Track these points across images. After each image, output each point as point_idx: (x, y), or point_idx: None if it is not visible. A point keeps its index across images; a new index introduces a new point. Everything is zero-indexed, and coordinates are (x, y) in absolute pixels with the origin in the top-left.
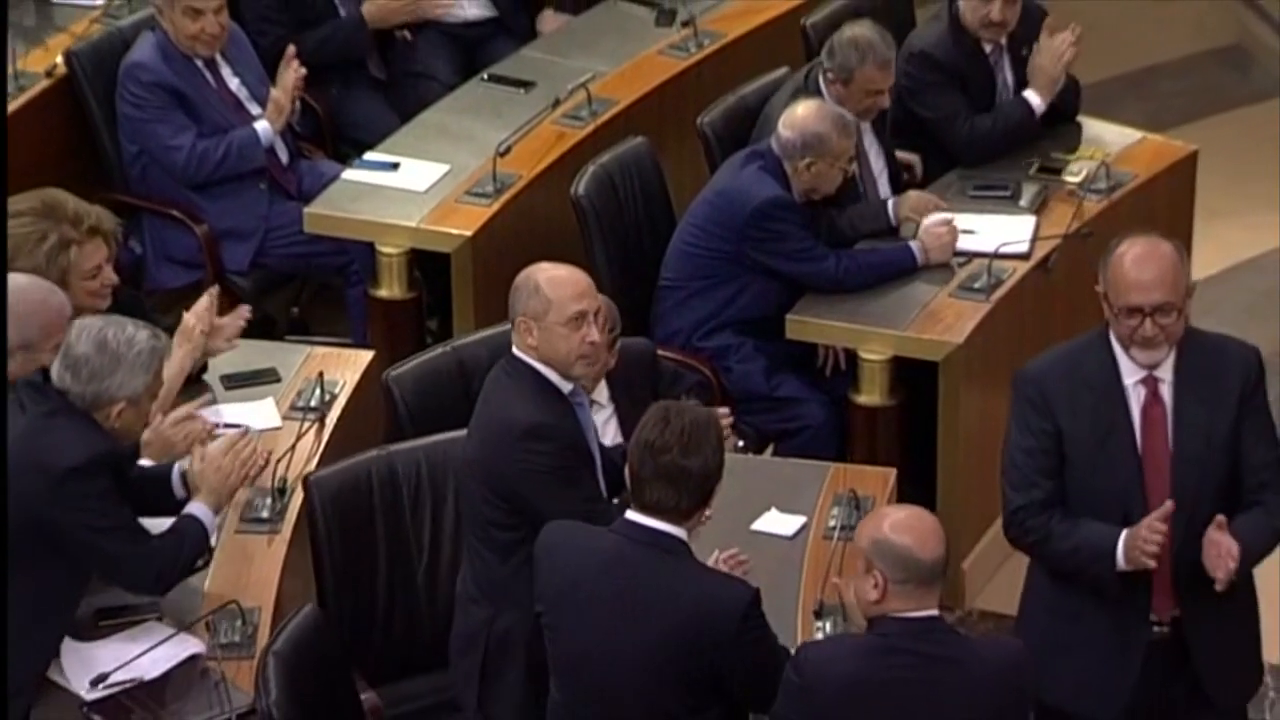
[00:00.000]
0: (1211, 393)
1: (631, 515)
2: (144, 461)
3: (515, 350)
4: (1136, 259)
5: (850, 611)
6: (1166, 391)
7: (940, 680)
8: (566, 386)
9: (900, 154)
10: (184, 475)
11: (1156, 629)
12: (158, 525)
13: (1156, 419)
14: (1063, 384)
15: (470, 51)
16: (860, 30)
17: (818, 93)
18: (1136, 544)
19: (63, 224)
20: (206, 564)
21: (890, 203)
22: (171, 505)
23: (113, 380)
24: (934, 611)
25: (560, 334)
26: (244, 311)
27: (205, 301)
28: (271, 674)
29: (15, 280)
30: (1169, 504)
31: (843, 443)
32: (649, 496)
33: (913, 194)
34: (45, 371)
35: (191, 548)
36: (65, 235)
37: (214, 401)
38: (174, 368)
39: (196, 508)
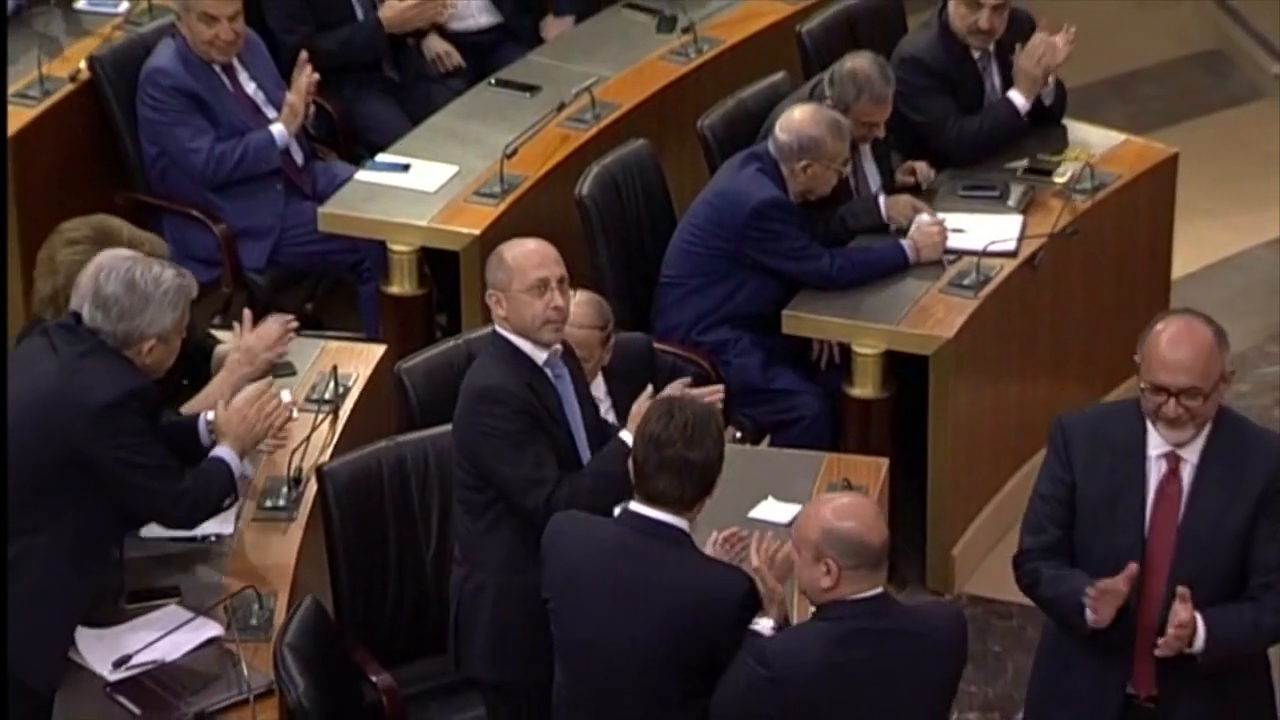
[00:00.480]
0: (1234, 482)
1: (635, 506)
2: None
3: (495, 326)
4: (1172, 338)
5: (768, 600)
6: (1187, 471)
7: (899, 653)
8: (540, 356)
9: (912, 164)
10: (210, 424)
11: (1136, 703)
12: None
13: (1170, 496)
14: (1087, 440)
15: (480, 57)
16: (860, 64)
17: None
18: (1093, 598)
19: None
20: (233, 504)
21: (883, 202)
22: (198, 452)
23: (143, 318)
24: (880, 589)
25: (524, 301)
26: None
27: (276, 331)
28: (292, 666)
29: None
30: (1132, 566)
31: (837, 433)
32: (653, 488)
33: (904, 196)
34: (77, 314)
35: (219, 488)
36: None
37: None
38: (229, 386)
39: (223, 451)
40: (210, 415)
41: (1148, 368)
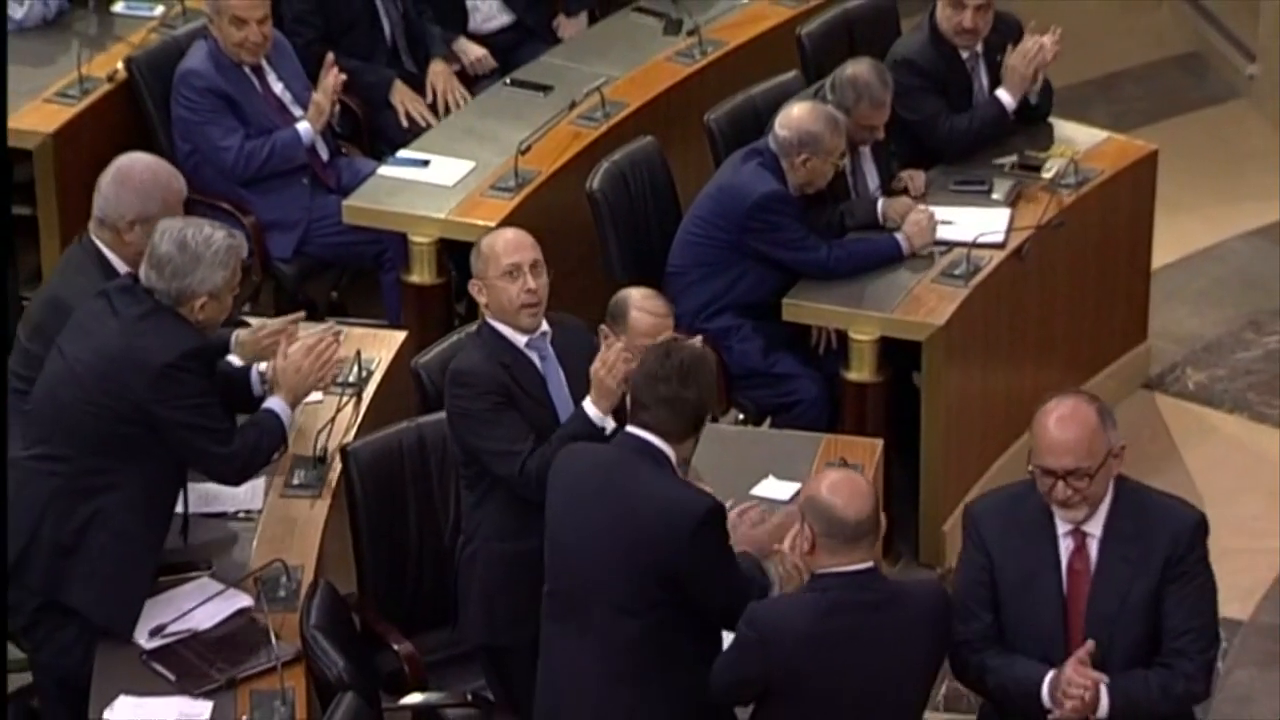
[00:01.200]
0: (1137, 554)
1: (630, 428)
2: (233, 359)
3: (484, 315)
4: (1057, 421)
5: (785, 579)
6: (1093, 546)
7: (882, 625)
8: (520, 339)
9: (907, 171)
10: (262, 375)
11: None
12: None
13: (1080, 571)
14: (999, 524)
15: (502, 56)
16: (860, 70)
17: None
18: (1061, 688)
19: None
20: (284, 452)
21: (880, 202)
22: (250, 403)
23: (194, 276)
24: (868, 564)
25: (499, 287)
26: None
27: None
28: (327, 646)
29: (139, 157)
30: (1089, 643)
31: (834, 415)
32: (648, 418)
33: (902, 198)
34: (134, 275)
35: (270, 440)
36: None
37: (305, 319)
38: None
39: (275, 403)
40: (262, 367)
41: (1036, 451)
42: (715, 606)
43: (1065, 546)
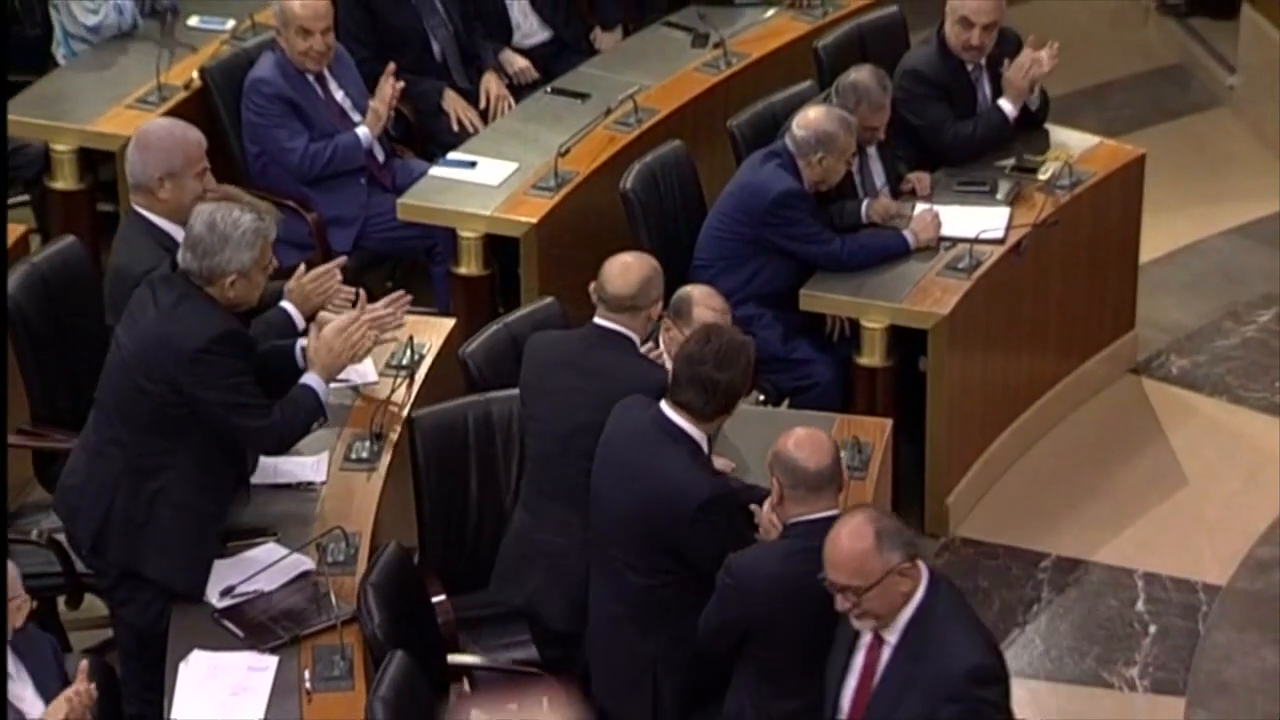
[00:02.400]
0: (914, 678)
1: (665, 407)
2: (287, 305)
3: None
4: (834, 538)
5: (764, 534)
6: (886, 654)
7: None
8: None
9: (914, 174)
10: (304, 350)
11: None
12: None
13: (868, 672)
14: None
15: (542, 66)
16: (860, 76)
17: None
18: None
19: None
20: (323, 423)
21: (864, 204)
22: (295, 373)
23: (223, 256)
24: (834, 511)
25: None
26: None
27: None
28: (372, 603)
29: (156, 121)
30: None
31: (847, 397)
32: (682, 397)
33: (883, 200)
34: (173, 264)
35: (307, 414)
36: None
37: (347, 265)
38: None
39: (310, 378)
40: (304, 343)
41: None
42: (707, 569)
43: (863, 642)
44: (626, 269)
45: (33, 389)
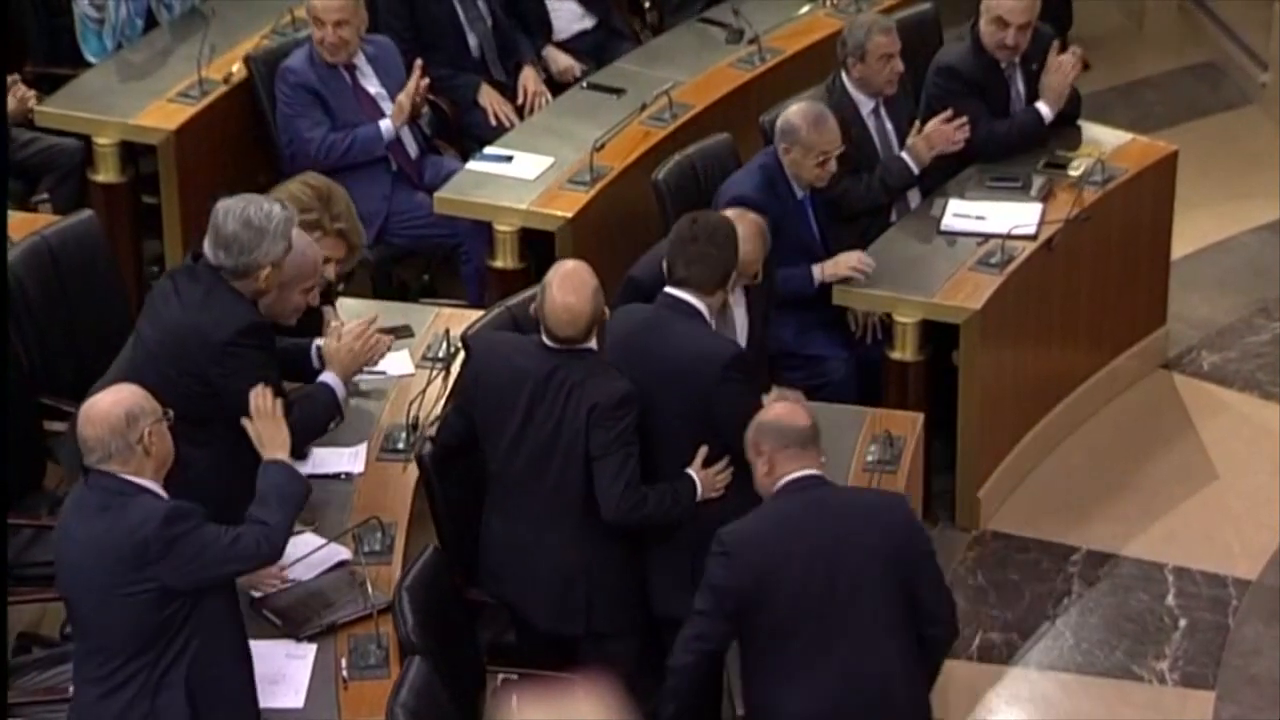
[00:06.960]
0: None
1: (668, 288)
2: (316, 360)
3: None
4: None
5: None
6: None
7: (832, 526)
8: None
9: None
10: (319, 350)
11: None
12: None
13: None
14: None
15: (593, 56)
16: (862, 18)
17: (842, 90)
18: None
19: (326, 213)
20: (339, 422)
21: (906, 154)
22: (309, 374)
23: (260, 250)
24: (815, 470)
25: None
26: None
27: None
28: (406, 607)
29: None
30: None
31: (862, 396)
32: (680, 273)
33: (920, 138)
34: (196, 254)
35: (324, 411)
36: (321, 220)
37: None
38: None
39: (329, 377)
40: (319, 343)
41: None
42: (739, 446)
43: None
44: (570, 310)
45: (32, 359)
